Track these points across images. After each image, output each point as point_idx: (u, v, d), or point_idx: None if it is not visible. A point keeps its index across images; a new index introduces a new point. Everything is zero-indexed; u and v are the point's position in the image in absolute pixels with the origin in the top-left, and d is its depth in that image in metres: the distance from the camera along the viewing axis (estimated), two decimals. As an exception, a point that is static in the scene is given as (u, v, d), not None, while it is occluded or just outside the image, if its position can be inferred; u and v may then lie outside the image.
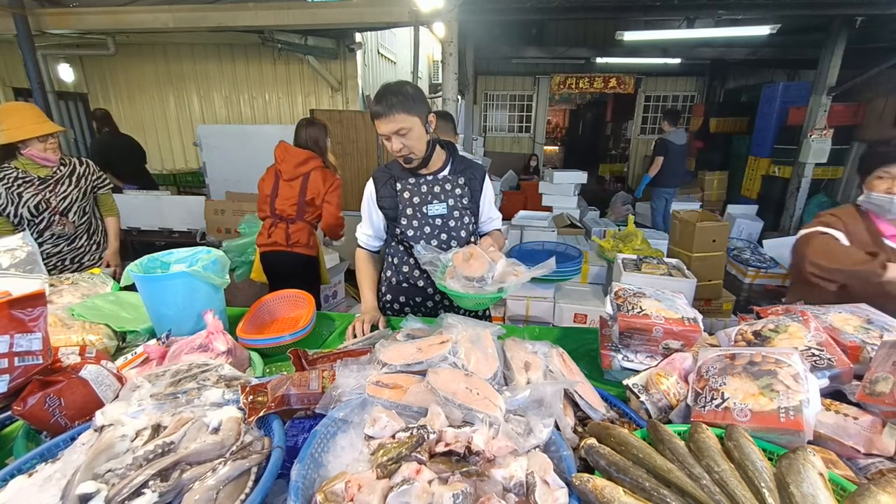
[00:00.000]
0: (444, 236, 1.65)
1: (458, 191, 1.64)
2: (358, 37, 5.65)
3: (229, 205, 4.17)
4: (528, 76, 9.31)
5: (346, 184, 4.63)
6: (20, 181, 2.18)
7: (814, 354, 1.01)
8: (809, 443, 0.80)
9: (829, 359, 1.00)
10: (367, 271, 1.73)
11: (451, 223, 1.64)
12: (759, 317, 1.29)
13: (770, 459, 0.77)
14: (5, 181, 2.15)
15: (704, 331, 1.20)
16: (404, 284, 1.73)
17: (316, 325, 1.54)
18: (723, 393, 0.90)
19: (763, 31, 5.35)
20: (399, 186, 1.62)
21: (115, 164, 4.74)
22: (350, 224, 2.07)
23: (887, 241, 1.48)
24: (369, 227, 1.73)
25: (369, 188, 1.69)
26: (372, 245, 1.76)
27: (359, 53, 5.78)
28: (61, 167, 2.30)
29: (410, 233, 1.63)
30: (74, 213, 2.32)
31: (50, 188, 2.24)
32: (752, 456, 0.75)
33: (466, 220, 1.67)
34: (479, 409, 0.81)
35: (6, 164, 2.18)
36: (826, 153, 5.54)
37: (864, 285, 1.35)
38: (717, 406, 0.88)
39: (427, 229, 1.63)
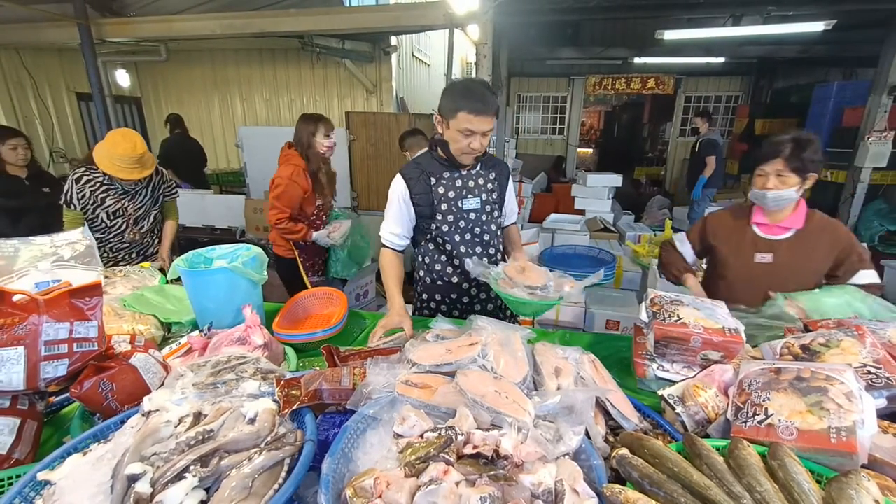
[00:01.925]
0: (477, 230, 1.68)
1: (489, 185, 1.69)
2: (393, 40, 5.74)
3: (267, 204, 4.33)
4: (563, 77, 9.15)
5: (378, 185, 4.72)
6: (105, 187, 2.31)
7: (869, 372, 0.95)
8: (864, 467, 0.75)
9: (886, 377, 0.93)
10: (393, 271, 1.69)
11: (484, 217, 1.68)
12: (807, 329, 1.22)
13: (818, 482, 0.73)
14: (93, 184, 2.29)
15: (746, 342, 1.14)
16: (439, 282, 1.75)
17: (347, 323, 1.57)
18: (766, 409, 0.85)
19: (817, 27, 5.04)
20: (433, 181, 1.62)
21: (178, 163, 5.14)
22: (379, 224, 2.08)
23: (754, 227, 1.68)
24: (398, 226, 1.70)
25: (399, 186, 1.67)
26: (399, 244, 1.73)
27: (394, 57, 5.87)
28: (142, 178, 2.38)
29: (445, 228, 1.65)
30: (144, 220, 2.47)
31: (130, 198, 2.38)
32: (799, 477, 0.70)
33: (496, 213, 1.73)
34: (507, 413, 0.80)
35: (93, 168, 2.26)
36: (886, 157, 5.16)
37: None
38: (760, 422, 0.84)
39: (462, 223, 1.66)
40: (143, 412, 0.85)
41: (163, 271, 1.99)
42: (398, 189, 1.66)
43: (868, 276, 1.57)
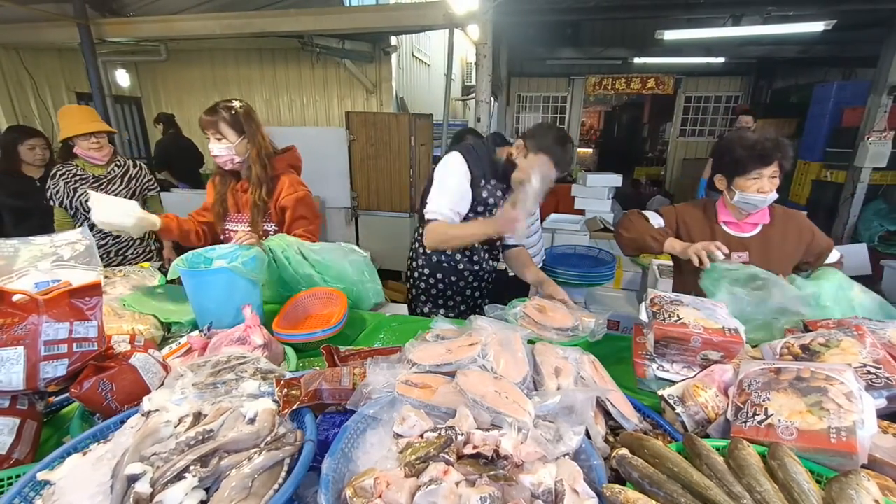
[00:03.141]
0: (496, 240, 1.83)
1: None
2: (393, 40, 5.74)
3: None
4: (563, 77, 9.16)
5: (378, 185, 4.72)
6: (78, 177, 2.38)
7: (869, 372, 0.94)
8: (864, 467, 0.75)
9: (886, 377, 0.93)
10: (460, 224, 1.65)
11: None
12: (807, 329, 1.22)
13: (818, 482, 0.73)
14: (66, 176, 2.36)
15: (746, 343, 1.14)
16: (444, 264, 1.86)
17: (347, 323, 1.57)
18: (766, 409, 0.85)
19: (816, 27, 5.06)
20: (482, 182, 1.70)
21: (174, 163, 5.13)
22: (380, 224, 2.12)
23: (722, 225, 1.65)
24: (460, 204, 1.66)
25: (464, 167, 1.64)
26: (455, 220, 1.67)
27: (393, 57, 5.87)
28: (115, 167, 2.46)
29: None
30: None
31: (102, 186, 2.41)
32: (799, 477, 0.70)
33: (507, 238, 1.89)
34: (507, 413, 0.80)
35: (69, 162, 2.39)
36: (886, 157, 5.17)
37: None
38: (760, 422, 0.84)
39: None
40: (142, 412, 0.84)
41: (163, 271, 2.00)
42: (463, 170, 1.65)
43: (835, 255, 1.62)
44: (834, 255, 1.63)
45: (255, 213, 1.83)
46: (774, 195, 1.54)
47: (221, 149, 1.75)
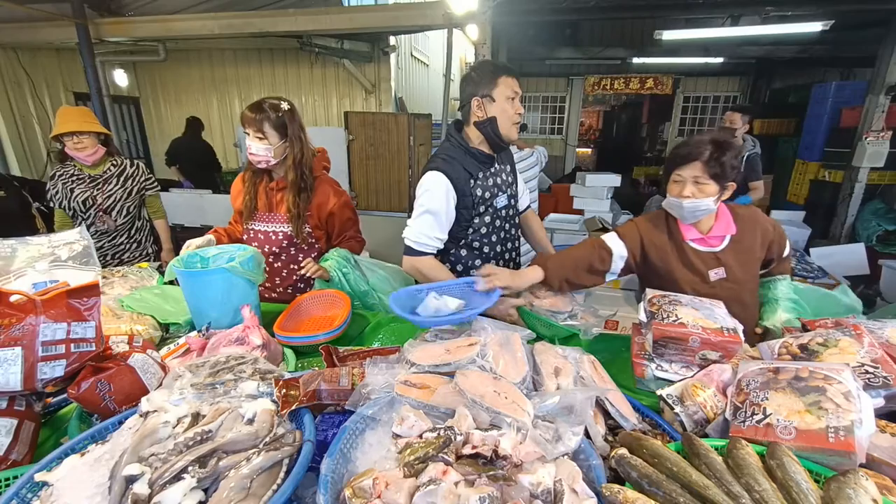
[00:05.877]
0: (507, 226, 1.69)
1: (509, 179, 1.69)
2: (392, 40, 5.74)
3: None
4: (562, 77, 9.17)
5: (377, 185, 4.72)
6: (74, 178, 2.39)
7: (867, 371, 0.95)
8: (862, 466, 0.75)
9: (884, 377, 0.93)
10: (447, 272, 1.57)
11: (511, 212, 1.70)
12: (805, 329, 1.22)
13: (816, 482, 0.73)
14: (63, 177, 2.38)
15: (744, 342, 1.14)
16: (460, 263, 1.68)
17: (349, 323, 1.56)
18: (765, 408, 0.85)
19: (815, 27, 5.06)
20: (472, 183, 1.55)
21: (183, 161, 5.38)
22: (378, 224, 2.08)
23: (690, 244, 1.47)
24: (443, 231, 1.56)
25: (446, 187, 1.50)
26: (438, 248, 1.59)
27: (392, 56, 5.87)
28: (111, 167, 2.46)
29: (484, 230, 1.63)
30: (117, 212, 2.47)
31: (98, 186, 2.41)
32: (797, 476, 0.70)
33: (519, 206, 1.77)
34: (506, 413, 0.80)
35: (67, 163, 2.41)
36: (883, 157, 5.18)
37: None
38: (759, 422, 0.84)
39: (497, 223, 1.65)
40: (141, 413, 0.84)
41: (161, 271, 2.00)
42: (443, 189, 1.50)
43: (787, 248, 1.55)
44: (786, 249, 1.54)
45: (295, 219, 1.81)
46: (703, 203, 1.37)
47: (259, 148, 1.69)
